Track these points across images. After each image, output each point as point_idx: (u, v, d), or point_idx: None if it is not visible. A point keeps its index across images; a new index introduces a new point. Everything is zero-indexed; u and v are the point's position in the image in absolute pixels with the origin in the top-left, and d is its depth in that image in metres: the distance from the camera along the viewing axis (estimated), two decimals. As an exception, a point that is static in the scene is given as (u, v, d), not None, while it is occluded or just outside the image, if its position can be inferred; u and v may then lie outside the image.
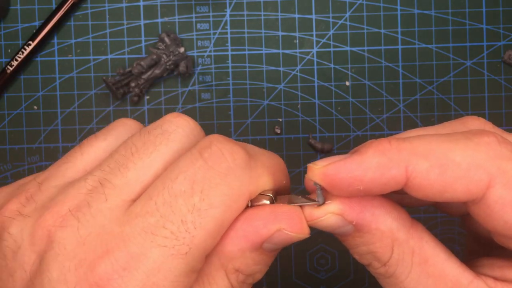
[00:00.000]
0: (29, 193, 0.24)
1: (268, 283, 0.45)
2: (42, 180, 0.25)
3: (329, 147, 0.44)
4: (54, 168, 0.26)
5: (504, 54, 0.45)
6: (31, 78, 0.44)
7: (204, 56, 0.44)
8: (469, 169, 0.22)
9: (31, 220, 0.23)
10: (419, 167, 0.22)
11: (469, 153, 0.23)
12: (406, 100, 0.45)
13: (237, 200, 0.23)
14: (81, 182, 0.24)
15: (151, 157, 0.23)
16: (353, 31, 0.44)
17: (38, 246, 0.22)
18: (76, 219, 0.22)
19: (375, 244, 0.25)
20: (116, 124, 0.27)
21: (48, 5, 0.44)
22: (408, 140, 0.24)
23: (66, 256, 0.22)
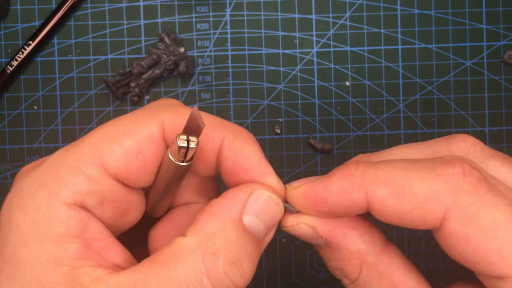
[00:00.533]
0: None
1: (268, 283, 0.45)
2: None
3: (329, 147, 0.44)
4: None
5: (504, 54, 0.45)
6: (31, 78, 0.44)
7: (204, 56, 0.44)
8: (425, 200, 0.23)
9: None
10: (377, 193, 0.24)
11: (428, 184, 0.23)
12: (406, 100, 0.45)
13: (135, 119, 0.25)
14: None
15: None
16: (353, 31, 0.44)
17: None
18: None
19: (343, 262, 0.26)
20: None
21: (48, 5, 0.44)
22: (374, 165, 0.24)
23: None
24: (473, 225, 0.23)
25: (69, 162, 0.24)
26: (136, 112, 0.26)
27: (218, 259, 0.22)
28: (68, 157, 0.24)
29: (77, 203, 0.23)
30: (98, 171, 0.23)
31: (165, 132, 0.24)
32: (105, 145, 0.24)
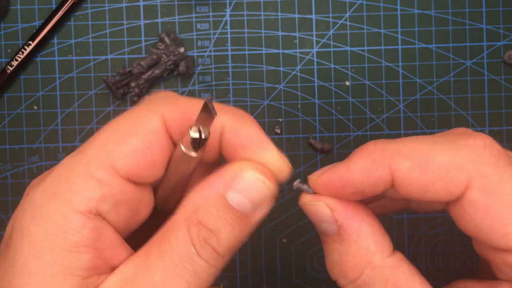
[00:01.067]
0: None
1: (268, 283, 0.45)
2: None
3: (329, 147, 0.44)
4: None
5: (504, 54, 0.45)
6: (31, 78, 0.44)
7: (204, 56, 0.44)
8: (449, 170, 0.23)
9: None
10: (401, 166, 0.24)
11: (451, 155, 0.23)
12: (406, 100, 0.45)
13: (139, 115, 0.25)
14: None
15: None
16: (353, 31, 0.44)
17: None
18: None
19: (347, 257, 0.25)
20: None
21: (48, 5, 0.44)
22: (393, 141, 0.24)
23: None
24: (494, 194, 0.23)
25: (79, 168, 0.24)
26: (136, 109, 0.26)
27: (200, 229, 0.23)
28: (77, 163, 0.24)
29: (91, 210, 0.23)
30: (109, 174, 0.23)
31: (166, 124, 0.25)
32: (113, 147, 0.24)
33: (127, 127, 0.25)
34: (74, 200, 0.23)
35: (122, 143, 0.24)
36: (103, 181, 0.23)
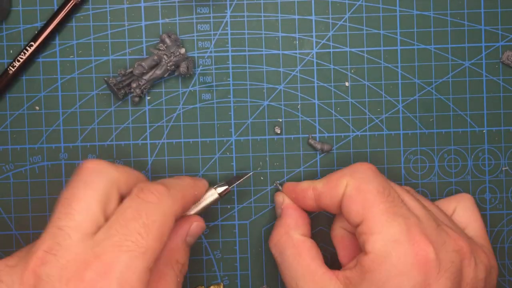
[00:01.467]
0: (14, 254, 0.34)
1: (268, 283, 0.45)
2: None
3: (329, 147, 0.45)
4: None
5: (503, 55, 0.45)
6: (33, 78, 0.44)
7: (205, 57, 0.45)
8: (337, 179, 0.39)
9: (17, 268, 0.32)
10: (317, 186, 0.40)
11: (340, 173, 0.39)
12: (405, 100, 0.45)
13: (168, 214, 0.34)
14: (44, 234, 0.33)
15: (85, 199, 0.33)
16: (352, 32, 0.45)
17: (27, 283, 0.31)
18: (53, 255, 0.31)
19: (277, 228, 0.41)
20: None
21: (49, 6, 0.44)
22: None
23: (54, 280, 0.31)
24: (359, 191, 0.37)
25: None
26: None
27: (178, 266, 0.37)
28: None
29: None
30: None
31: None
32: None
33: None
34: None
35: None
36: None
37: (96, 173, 0.34)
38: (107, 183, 0.34)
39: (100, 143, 0.44)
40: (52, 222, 0.33)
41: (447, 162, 0.45)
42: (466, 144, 0.45)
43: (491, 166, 0.45)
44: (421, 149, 0.45)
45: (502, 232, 0.46)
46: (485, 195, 0.46)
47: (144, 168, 0.44)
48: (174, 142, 0.45)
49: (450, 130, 0.45)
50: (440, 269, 0.34)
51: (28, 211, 0.44)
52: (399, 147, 0.45)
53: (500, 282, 0.46)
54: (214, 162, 0.45)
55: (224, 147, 0.45)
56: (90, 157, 0.44)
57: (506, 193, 0.46)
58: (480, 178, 0.45)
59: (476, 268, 0.36)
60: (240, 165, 0.45)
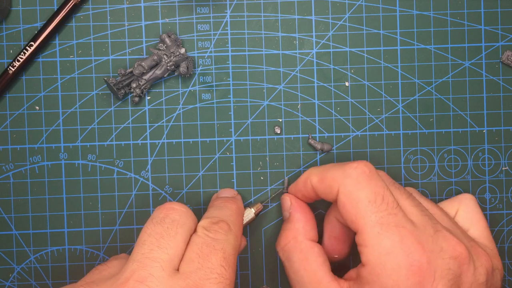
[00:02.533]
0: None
1: (268, 283, 0.45)
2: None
3: (329, 147, 0.45)
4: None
5: (502, 55, 0.45)
6: (33, 78, 0.44)
7: (205, 56, 0.45)
8: (330, 181, 0.39)
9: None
10: (313, 181, 0.40)
11: (333, 172, 0.39)
12: (405, 100, 0.45)
13: (237, 247, 0.37)
14: (132, 263, 0.34)
15: (176, 237, 0.35)
16: (352, 32, 0.45)
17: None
18: (146, 286, 0.32)
19: (284, 231, 0.41)
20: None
21: (49, 6, 0.44)
22: (315, 168, 0.42)
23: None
24: (350, 198, 0.37)
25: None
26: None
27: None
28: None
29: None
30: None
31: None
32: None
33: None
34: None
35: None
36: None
37: (186, 216, 0.37)
38: (192, 224, 0.37)
39: (100, 143, 0.44)
40: (141, 253, 0.34)
41: (447, 162, 0.45)
42: (466, 144, 0.45)
43: (491, 166, 0.45)
44: (421, 149, 0.45)
45: (502, 232, 0.46)
46: (485, 195, 0.46)
47: (144, 168, 0.44)
48: (174, 142, 0.45)
49: (450, 130, 0.45)
50: (435, 277, 0.35)
51: (28, 211, 0.44)
52: (399, 147, 0.45)
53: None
54: (214, 162, 0.45)
55: (224, 147, 0.45)
56: (90, 157, 0.44)
57: (506, 193, 0.46)
58: (480, 178, 0.45)
59: (476, 273, 0.36)
60: (240, 165, 0.45)
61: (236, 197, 0.43)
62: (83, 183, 0.44)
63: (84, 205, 0.44)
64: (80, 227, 0.44)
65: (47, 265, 0.44)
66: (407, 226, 0.36)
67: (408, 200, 0.38)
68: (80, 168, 0.44)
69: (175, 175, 0.45)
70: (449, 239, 0.36)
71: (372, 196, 0.36)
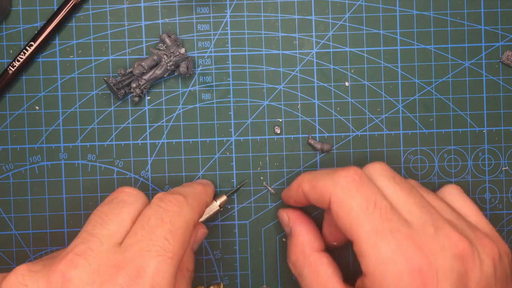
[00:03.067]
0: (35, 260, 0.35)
1: (268, 282, 0.45)
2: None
3: (329, 147, 0.45)
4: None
5: (503, 55, 0.45)
6: (33, 78, 0.44)
7: (205, 56, 0.45)
8: (321, 189, 0.38)
9: (43, 273, 0.32)
10: (304, 188, 0.40)
11: (325, 180, 0.38)
12: (405, 100, 0.45)
13: (189, 221, 0.36)
14: (76, 239, 0.34)
15: (120, 215, 0.35)
16: (352, 32, 0.45)
17: (54, 285, 0.31)
18: (84, 259, 0.32)
19: (292, 247, 0.41)
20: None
21: (49, 6, 0.44)
22: (307, 173, 0.41)
23: (85, 284, 0.31)
24: (341, 206, 0.36)
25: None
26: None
27: (188, 273, 0.39)
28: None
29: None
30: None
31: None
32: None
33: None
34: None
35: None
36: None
37: (134, 196, 0.37)
38: (141, 204, 0.36)
39: (100, 143, 0.44)
40: (85, 230, 0.34)
41: (447, 162, 0.45)
42: (466, 144, 0.45)
43: (491, 166, 0.45)
44: (421, 149, 0.45)
45: (502, 232, 0.46)
46: (485, 195, 0.46)
47: (144, 168, 0.44)
48: (174, 142, 0.45)
49: (450, 130, 0.45)
50: (438, 279, 0.34)
51: (28, 211, 0.44)
52: (399, 147, 0.45)
53: (500, 282, 0.46)
54: (214, 162, 0.45)
55: (224, 147, 0.45)
56: (90, 157, 0.44)
57: (506, 193, 0.46)
58: (480, 178, 0.45)
59: (483, 266, 0.35)
60: (240, 165, 0.45)
61: (206, 183, 0.43)
62: (83, 183, 0.44)
63: (84, 205, 0.44)
64: (80, 227, 0.44)
65: (47, 265, 0.44)
66: (403, 229, 0.35)
67: (408, 196, 0.37)
68: (80, 168, 0.44)
69: (175, 175, 0.45)
70: (451, 235, 0.35)
71: (364, 204, 0.35)
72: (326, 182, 0.37)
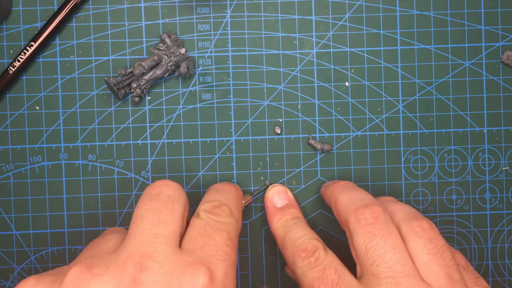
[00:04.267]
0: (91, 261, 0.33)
1: (268, 282, 0.45)
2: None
3: (329, 147, 0.45)
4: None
5: (503, 55, 0.45)
6: (33, 78, 0.44)
7: (205, 57, 0.45)
8: (330, 193, 0.41)
9: (108, 275, 0.31)
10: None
11: (331, 188, 0.41)
12: (405, 100, 0.45)
13: (238, 231, 0.37)
14: (134, 239, 0.33)
15: (173, 212, 0.34)
16: (352, 32, 0.45)
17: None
18: (154, 262, 0.31)
19: (285, 252, 0.40)
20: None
21: (50, 6, 0.44)
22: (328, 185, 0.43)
23: (160, 286, 0.31)
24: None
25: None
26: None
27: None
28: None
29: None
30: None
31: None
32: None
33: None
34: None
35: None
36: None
37: (180, 191, 0.36)
38: (186, 200, 0.36)
39: (100, 143, 0.44)
40: (143, 229, 0.33)
41: (447, 162, 0.45)
42: (466, 144, 0.45)
43: (491, 166, 0.45)
44: (421, 149, 0.45)
45: (502, 232, 0.46)
46: (485, 195, 0.46)
47: (144, 168, 0.44)
48: (174, 142, 0.45)
49: (450, 130, 0.45)
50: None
51: (28, 211, 0.44)
52: (399, 147, 0.45)
53: (500, 282, 0.46)
54: (214, 162, 0.45)
55: (224, 147, 0.45)
56: (90, 157, 0.44)
57: (506, 193, 0.46)
58: (480, 178, 0.45)
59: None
60: (240, 165, 0.45)
61: (237, 187, 0.42)
62: (83, 183, 0.44)
63: (84, 205, 0.44)
64: (80, 227, 0.44)
65: (47, 265, 0.44)
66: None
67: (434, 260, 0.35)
68: (80, 168, 0.44)
69: (175, 175, 0.45)
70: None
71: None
72: (348, 217, 0.37)
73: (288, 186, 0.45)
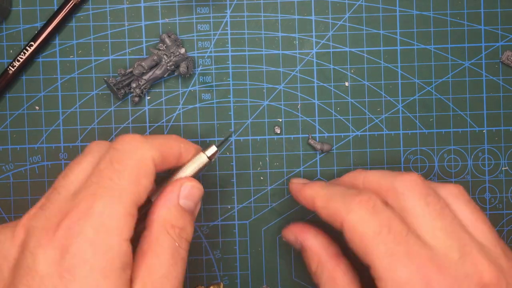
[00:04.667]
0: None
1: (268, 282, 0.45)
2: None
3: (329, 147, 0.45)
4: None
5: (502, 55, 0.45)
6: (33, 78, 0.44)
7: (205, 56, 0.45)
8: (333, 211, 0.36)
9: (10, 227, 0.33)
10: (317, 204, 0.38)
11: (337, 203, 0.36)
12: (405, 100, 0.45)
13: (143, 159, 0.33)
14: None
15: (81, 165, 0.34)
16: (352, 32, 0.45)
17: (18, 237, 0.32)
18: (41, 210, 0.32)
19: (309, 260, 0.40)
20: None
21: (49, 6, 0.44)
22: (314, 185, 0.40)
23: (38, 232, 0.31)
24: (354, 232, 0.35)
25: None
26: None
27: (175, 230, 0.34)
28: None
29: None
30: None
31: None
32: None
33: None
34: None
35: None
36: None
37: (102, 145, 0.35)
38: (106, 151, 0.34)
39: (100, 143, 0.44)
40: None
41: (447, 162, 0.45)
42: (466, 144, 0.45)
43: (491, 166, 0.45)
44: (421, 149, 0.45)
45: (502, 232, 0.46)
46: (485, 195, 0.46)
47: (144, 168, 0.44)
48: (174, 142, 0.45)
49: (449, 130, 0.45)
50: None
51: (28, 211, 0.44)
52: (399, 147, 0.45)
53: (500, 282, 0.46)
54: (214, 162, 0.45)
55: (224, 147, 0.45)
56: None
57: (506, 193, 0.46)
58: (480, 178, 0.45)
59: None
60: (240, 165, 0.45)
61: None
62: (83, 183, 0.44)
63: (84, 205, 0.44)
64: (80, 227, 0.44)
65: (47, 265, 0.44)
66: (422, 252, 0.33)
67: (436, 219, 0.35)
68: (80, 168, 0.44)
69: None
70: (478, 263, 0.33)
71: (378, 229, 0.34)
72: (339, 206, 0.36)
73: (287, 187, 0.45)
